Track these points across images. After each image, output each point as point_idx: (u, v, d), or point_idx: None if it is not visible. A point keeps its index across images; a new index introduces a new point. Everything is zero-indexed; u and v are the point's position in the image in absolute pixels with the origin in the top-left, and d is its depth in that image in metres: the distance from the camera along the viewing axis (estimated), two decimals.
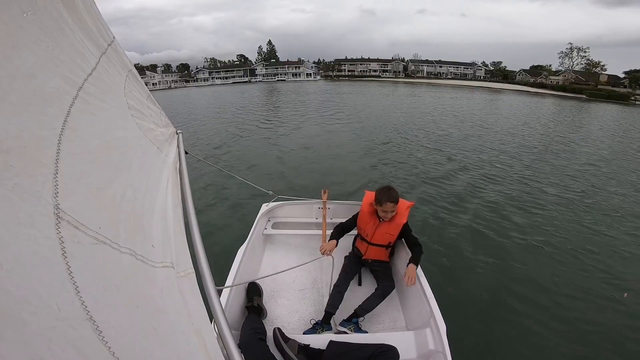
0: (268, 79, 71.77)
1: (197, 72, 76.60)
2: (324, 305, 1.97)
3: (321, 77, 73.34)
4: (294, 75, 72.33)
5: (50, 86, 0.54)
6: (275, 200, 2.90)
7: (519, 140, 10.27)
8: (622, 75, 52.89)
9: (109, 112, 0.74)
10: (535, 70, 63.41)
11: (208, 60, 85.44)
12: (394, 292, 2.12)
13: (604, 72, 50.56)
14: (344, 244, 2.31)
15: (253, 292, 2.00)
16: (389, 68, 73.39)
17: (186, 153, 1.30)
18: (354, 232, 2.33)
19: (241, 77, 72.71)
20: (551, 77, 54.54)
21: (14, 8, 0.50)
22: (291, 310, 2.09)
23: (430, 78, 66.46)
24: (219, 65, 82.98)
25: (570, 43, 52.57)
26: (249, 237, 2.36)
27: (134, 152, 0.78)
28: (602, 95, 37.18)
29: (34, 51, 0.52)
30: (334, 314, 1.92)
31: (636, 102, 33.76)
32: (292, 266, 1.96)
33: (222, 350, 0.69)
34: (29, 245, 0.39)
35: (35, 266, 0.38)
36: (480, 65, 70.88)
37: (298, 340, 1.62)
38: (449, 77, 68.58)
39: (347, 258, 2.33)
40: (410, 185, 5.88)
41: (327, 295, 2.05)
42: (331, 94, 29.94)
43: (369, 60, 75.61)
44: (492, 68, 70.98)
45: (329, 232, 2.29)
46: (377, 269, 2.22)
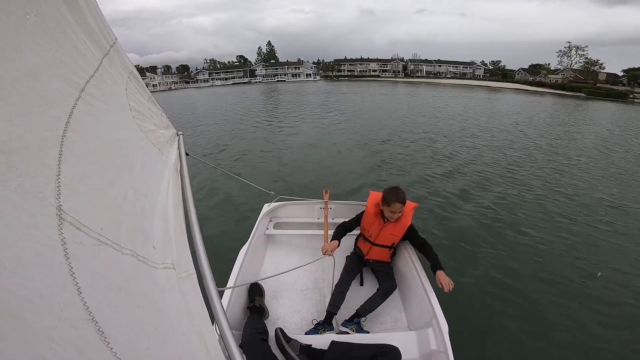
0: (268, 79, 71.79)
1: (197, 73, 76.71)
2: (326, 306, 1.97)
3: (321, 77, 73.34)
4: (294, 75, 72.36)
5: (53, 87, 0.54)
6: (276, 201, 2.90)
7: (518, 139, 10.25)
8: (621, 73, 52.86)
9: (110, 114, 0.74)
10: (535, 69, 63.42)
11: (208, 61, 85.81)
12: (395, 292, 2.11)
13: (602, 71, 50.56)
14: (346, 243, 2.31)
15: (255, 292, 2.00)
16: (388, 68, 73.41)
17: (187, 154, 1.30)
18: (356, 231, 2.32)
19: (241, 77, 72.78)
20: (550, 75, 54.50)
21: (17, 9, 0.50)
22: (293, 311, 2.08)
23: (430, 77, 66.47)
24: (218, 66, 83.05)
25: (568, 42, 52.53)
26: (250, 237, 2.36)
27: (135, 154, 0.78)
28: (600, 93, 37.18)
29: (36, 52, 0.52)
30: (335, 314, 1.92)
31: (635, 100, 33.75)
32: (294, 267, 1.95)
33: (223, 351, 0.69)
34: (31, 245, 0.39)
35: (37, 266, 0.38)
36: (480, 64, 70.86)
37: (300, 341, 1.62)
38: (448, 76, 68.54)
39: (348, 258, 2.33)
40: (411, 185, 5.86)
41: (329, 296, 2.04)
42: (331, 94, 29.94)
43: (369, 60, 75.64)
44: (491, 67, 71.02)
45: (330, 232, 2.29)
46: (379, 269, 2.22)
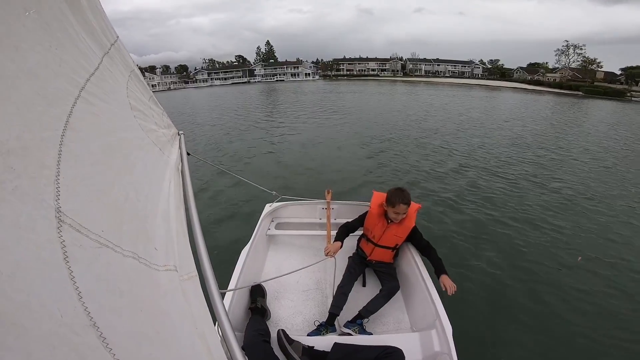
0: (267, 79, 71.79)
1: (196, 73, 76.61)
2: (328, 307, 1.95)
3: (320, 76, 73.41)
4: (293, 75, 72.36)
5: (53, 86, 0.53)
6: (278, 201, 2.89)
7: (517, 137, 10.26)
8: (619, 72, 53.09)
9: (111, 113, 0.72)
10: (533, 67, 63.65)
11: (206, 61, 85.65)
12: (398, 293, 2.10)
13: (600, 69, 50.70)
14: (348, 244, 2.30)
15: (257, 293, 1.99)
16: (387, 67, 73.51)
17: (188, 154, 1.29)
18: (358, 232, 2.31)
19: (240, 77, 72.78)
20: (548, 74, 54.69)
21: (16, 7, 0.49)
22: (295, 312, 2.07)
23: (428, 76, 66.57)
24: (217, 66, 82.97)
25: (566, 40, 52.73)
26: (252, 237, 2.34)
27: (136, 154, 0.77)
28: (598, 92, 37.23)
29: (36, 51, 0.51)
30: (338, 315, 1.91)
31: (632, 99, 33.86)
32: (296, 268, 1.94)
33: (226, 354, 0.68)
34: (30, 249, 0.38)
35: (36, 271, 0.37)
36: (478, 63, 71.06)
37: (302, 342, 1.61)
38: (446, 75, 68.65)
39: (350, 259, 2.31)
40: (412, 184, 5.86)
41: (331, 296, 2.03)
42: (330, 93, 29.96)
43: (367, 59, 75.75)
44: (489, 66, 71.24)
45: (333, 233, 2.27)
46: (382, 269, 2.20)
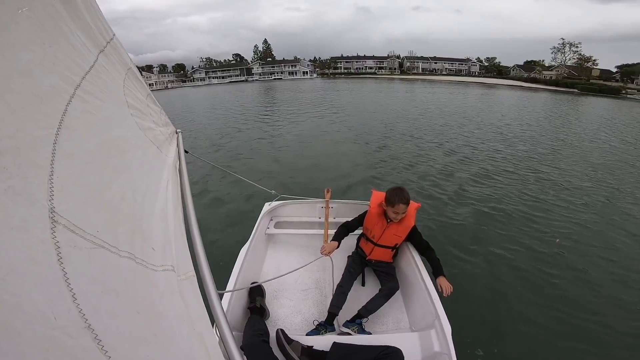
0: (265, 77, 71.48)
1: (193, 72, 76.13)
2: (327, 306, 1.95)
3: (317, 75, 73.22)
4: (291, 73, 72.13)
5: (46, 84, 0.52)
6: (277, 200, 2.87)
7: (515, 135, 10.31)
8: (615, 69, 53.37)
9: (107, 111, 0.71)
10: (529, 65, 63.65)
11: (204, 59, 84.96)
12: (397, 292, 2.10)
13: (595, 67, 50.86)
14: (348, 243, 2.29)
15: (256, 292, 1.99)
16: (384, 65, 73.44)
17: (186, 152, 1.28)
18: (358, 231, 2.30)
19: (238, 76, 72.44)
20: (544, 72, 54.75)
21: (9, 4, 0.49)
22: (294, 311, 2.07)
23: (426, 74, 66.60)
24: (215, 64, 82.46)
25: (562, 38, 52.99)
26: (251, 236, 2.33)
27: (133, 152, 0.76)
28: (593, 89, 37.44)
29: (30, 49, 0.51)
30: (337, 315, 1.91)
31: (627, 96, 34.09)
32: (295, 267, 1.93)
33: (224, 355, 0.67)
34: (23, 250, 0.37)
35: (29, 272, 0.36)
36: (475, 61, 71.10)
37: (301, 342, 1.60)
38: (444, 73, 68.71)
39: (350, 258, 2.31)
40: (410, 183, 5.87)
41: (330, 296, 2.03)
42: (328, 91, 29.95)
43: (365, 57, 75.57)
44: (486, 64, 71.33)
45: (331, 232, 2.27)
46: (381, 269, 2.20)
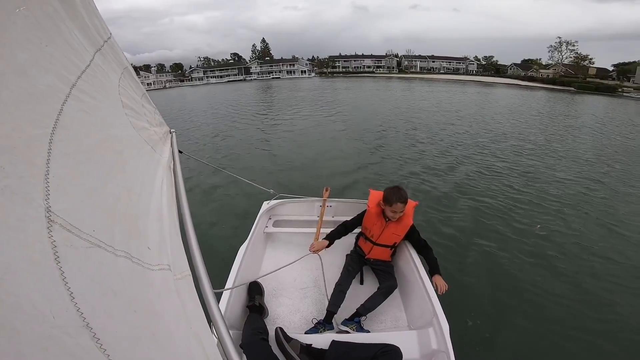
0: (263, 76, 71.29)
1: (191, 71, 75.73)
2: (326, 305, 1.96)
3: (316, 74, 73.09)
4: (289, 72, 71.99)
5: (42, 83, 0.52)
6: (276, 199, 2.87)
7: (514, 133, 10.35)
8: (611, 68, 53.69)
9: (103, 111, 0.71)
10: (527, 64, 63.85)
11: (202, 59, 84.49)
12: (396, 291, 2.11)
13: (592, 65, 51.08)
14: (347, 241, 2.30)
15: (254, 290, 1.99)
16: (382, 64, 73.44)
17: (180, 152, 1.27)
18: (357, 230, 2.31)
19: (236, 75, 72.23)
20: (541, 70, 54.89)
21: (6, 3, 0.49)
22: (293, 310, 2.07)
23: (423, 73, 66.70)
24: (213, 64, 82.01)
25: (559, 37, 52.92)
26: (250, 235, 2.34)
27: (128, 152, 0.76)
28: (590, 87, 37.65)
29: (26, 48, 0.51)
30: (335, 313, 1.91)
31: (623, 94, 34.29)
32: (295, 266, 1.93)
33: (221, 353, 0.68)
34: (20, 250, 0.37)
35: (26, 272, 0.37)
36: (473, 59, 71.23)
37: (300, 340, 1.61)
38: (441, 71, 68.79)
39: (348, 257, 2.32)
40: (409, 181, 5.88)
41: (329, 294, 2.03)
42: (326, 90, 29.98)
43: (363, 56, 75.57)
44: (484, 62, 71.49)
45: (325, 231, 2.28)
46: (380, 267, 2.21)
